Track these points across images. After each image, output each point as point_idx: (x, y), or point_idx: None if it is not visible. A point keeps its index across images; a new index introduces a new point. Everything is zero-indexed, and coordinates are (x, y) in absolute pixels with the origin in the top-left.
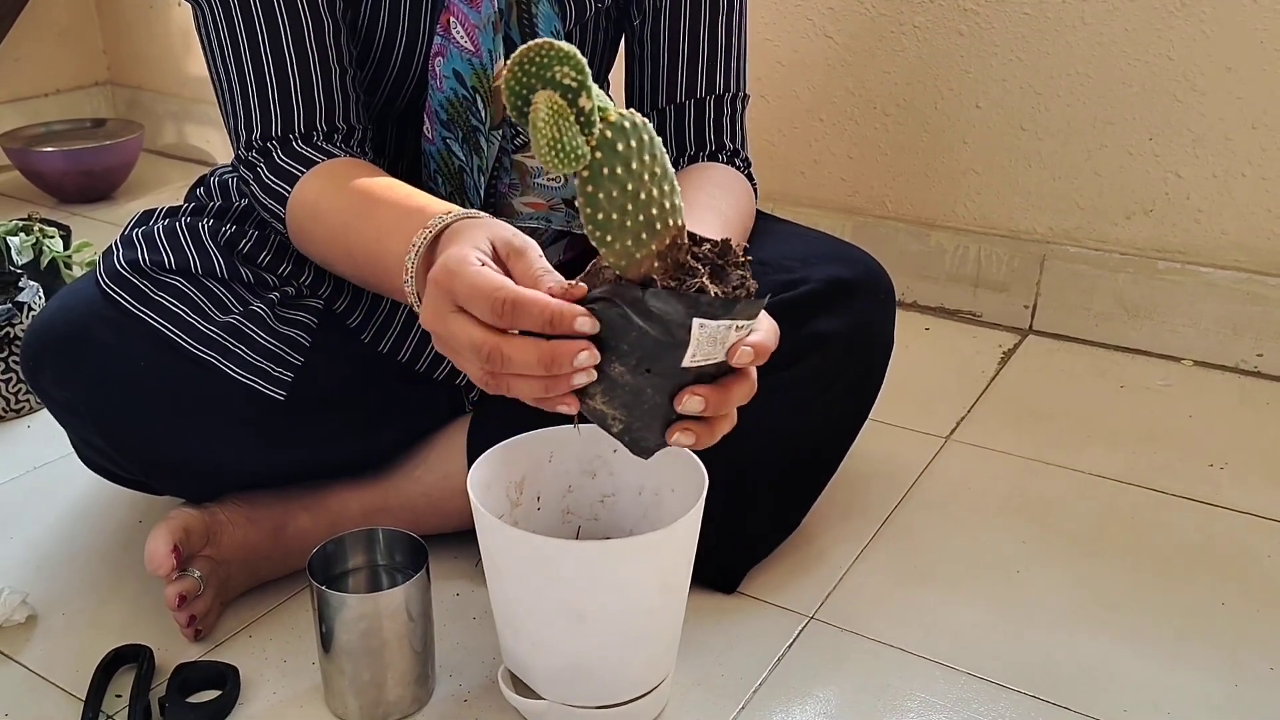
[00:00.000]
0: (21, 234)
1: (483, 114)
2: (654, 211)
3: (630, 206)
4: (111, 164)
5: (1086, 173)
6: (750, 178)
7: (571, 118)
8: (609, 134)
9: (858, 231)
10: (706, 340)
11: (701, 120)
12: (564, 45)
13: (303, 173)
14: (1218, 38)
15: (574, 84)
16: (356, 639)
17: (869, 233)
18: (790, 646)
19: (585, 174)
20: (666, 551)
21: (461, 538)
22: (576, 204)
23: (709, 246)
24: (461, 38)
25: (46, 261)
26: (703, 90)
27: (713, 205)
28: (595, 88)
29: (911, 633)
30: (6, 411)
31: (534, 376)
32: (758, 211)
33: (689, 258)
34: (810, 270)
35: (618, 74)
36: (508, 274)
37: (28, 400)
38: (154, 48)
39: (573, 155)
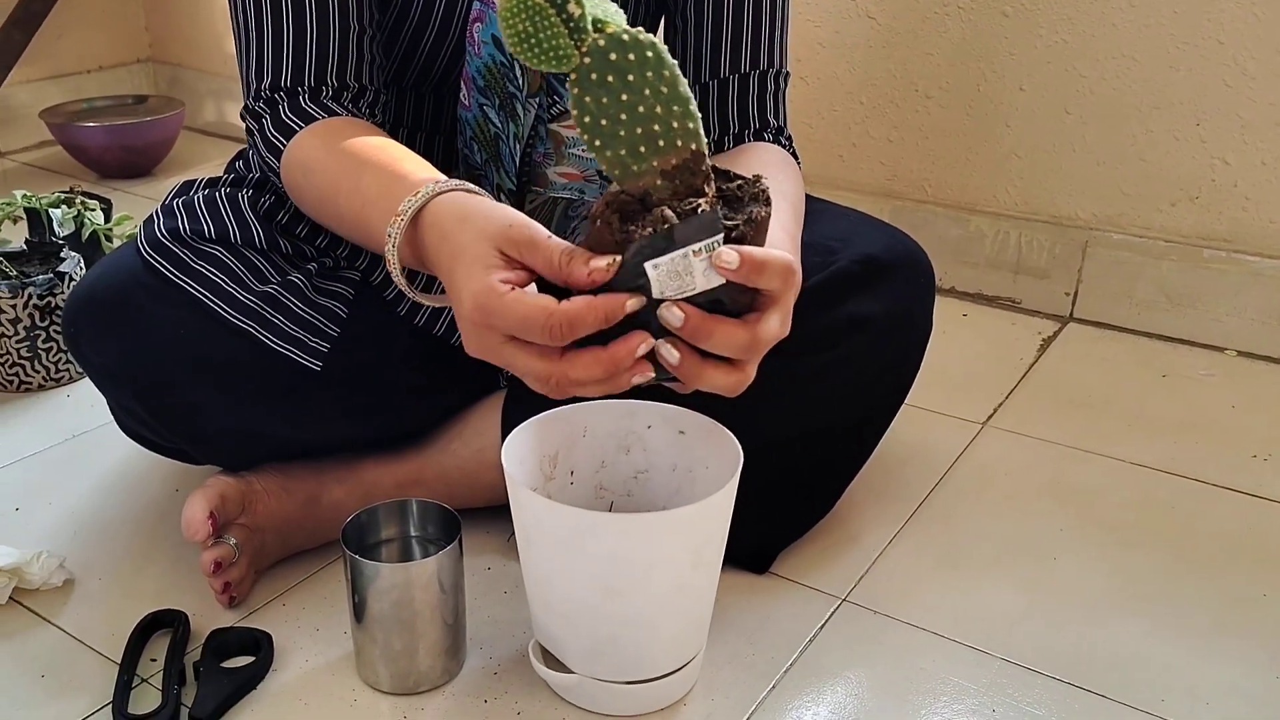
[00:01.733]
0: (64, 206)
1: (520, 81)
2: (655, 127)
3: (624, 116)
4: (152, 140)
5: (1131, 158)
6: (795, 156)
7: (552, 15)
8: (602, 43)
9: (896, 216)
10: (669, 276)
11: (745, 96)
12: None
13: (302, 127)
14: (1269, 21)
15: None
16: (388, 608)
17: (908, 217)
18: (822, 628)
19: (574, 77)
20: (700, 527)
21: (494, 512)
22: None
23: (738, 182)
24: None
25: (88, 234)
26: (746, 65)
27: (779, 189)
28: (600, 7)
29: (945, 617)
30: (47, 380)
31: (599, 382)
32: None
33: (707, 184)
34: (849, 252)
35: None
36: (524, 268)
37: (68, 370)
38: (195, 26)
39: (550, 52)
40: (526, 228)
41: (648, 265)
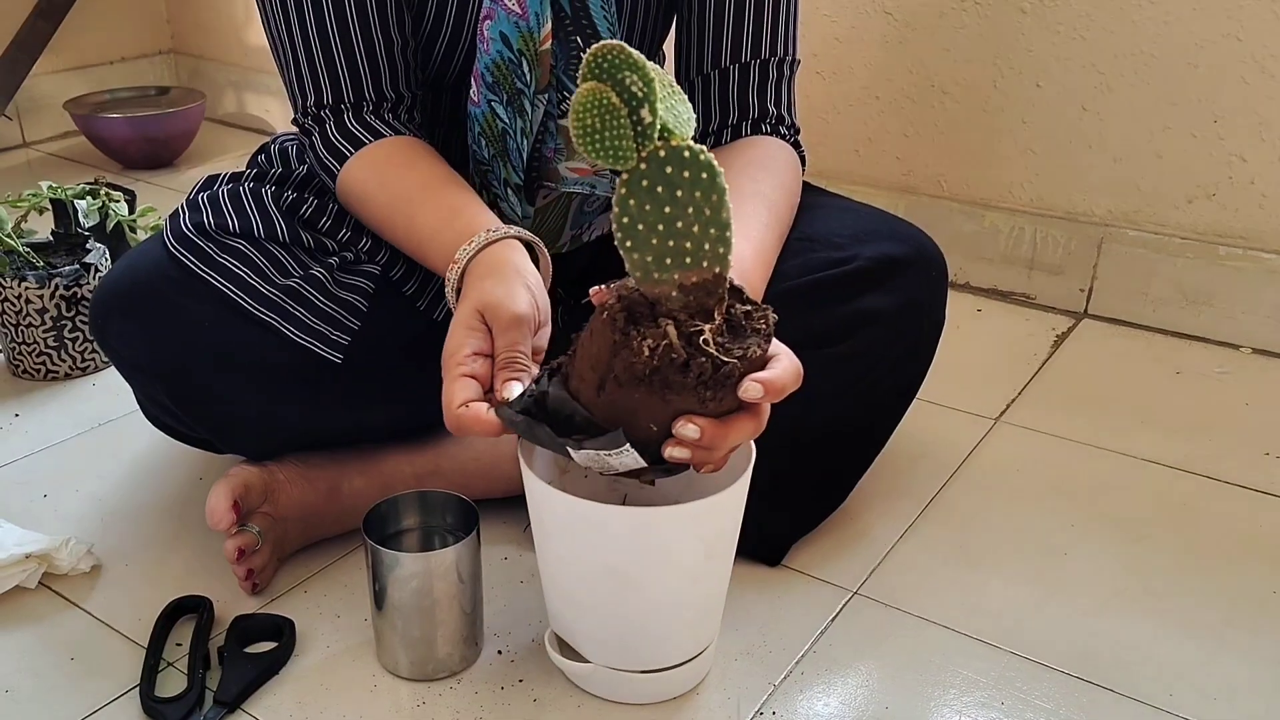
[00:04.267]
0: (89, 197)
1: (528, 77)
2: (687, 244)
3: (662, 227)
4: (174, 131)
5: (1148, 155)
6: (797, 145)
7: (623, 117)
8: (662, 154)
9: (911, 211)
10: (589, 459)
11: (746, 85)
12: (636, 55)
13: (352, 152)
14: None
15: (639, 94)
16: (408, 597)
17: (923, 212)
18: (833, 620)
19: (626, 177)
20: (713, 519)
21: (510, 504)
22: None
23: (747, 308)
24: (510, 0)
25: (112, 225)
26: (748, 54)
27: (757, 192)
28: (668, 109)
29: (956, 610)
30: (73, 370)
31: None
32: (808, 185)
33: (718, 307)
34: (860, 247)
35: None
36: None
37: (94, 359)
38: (216, 18)
39: (611, 151)
40: (505, 308)
41: (569, 448)
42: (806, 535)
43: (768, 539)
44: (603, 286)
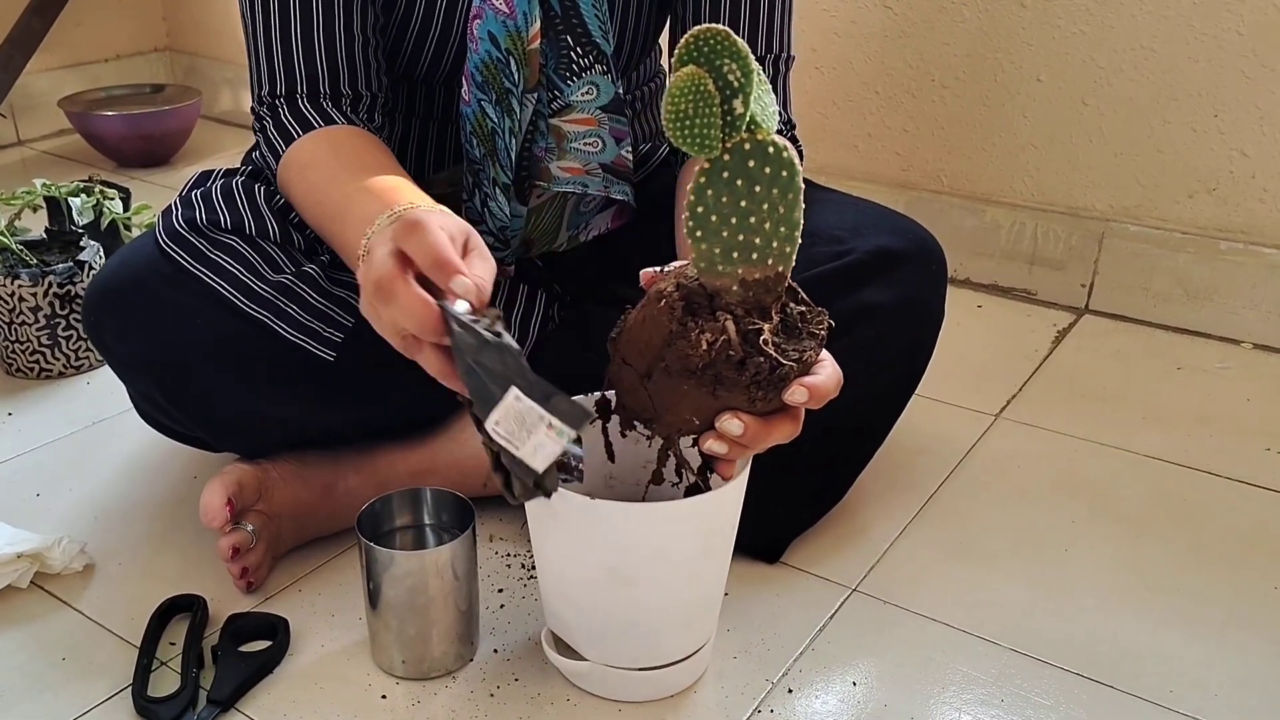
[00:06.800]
0: (83, 195)
1: (516, 76)
2: (756, 240)
3: (734, 220)
4: (170, 129)
5: (1149, 150)
6: (794, 139)
7: (716, 105)
8: (748, 146)
9: (911, 207)
10: (515, 418)
11: None
12: (739, 42)
13: (300, 134)
14: None
15: (736, 83)
16: (403, 595)
17: (923, 208)
18: (832, 617)
19: (707, 166)
20: (711, 516)
21: (506, 502)
22: (685, 191)
23: (802, 309)
24: (498, 0)
25: (106, 223)
26: None
27: None
28: (756, 100)
29: (955, 607)
30: (67, 368)
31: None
32: (806, 181)
33: (775, 305)
34: (859, 241)
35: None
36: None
37: (88, 358)
38: (212, 15)
39: (698, 138)
40: (423, 226)
41: (513, 388)
42: (805, 532)
43: (766, 535)
44: (655, 270)
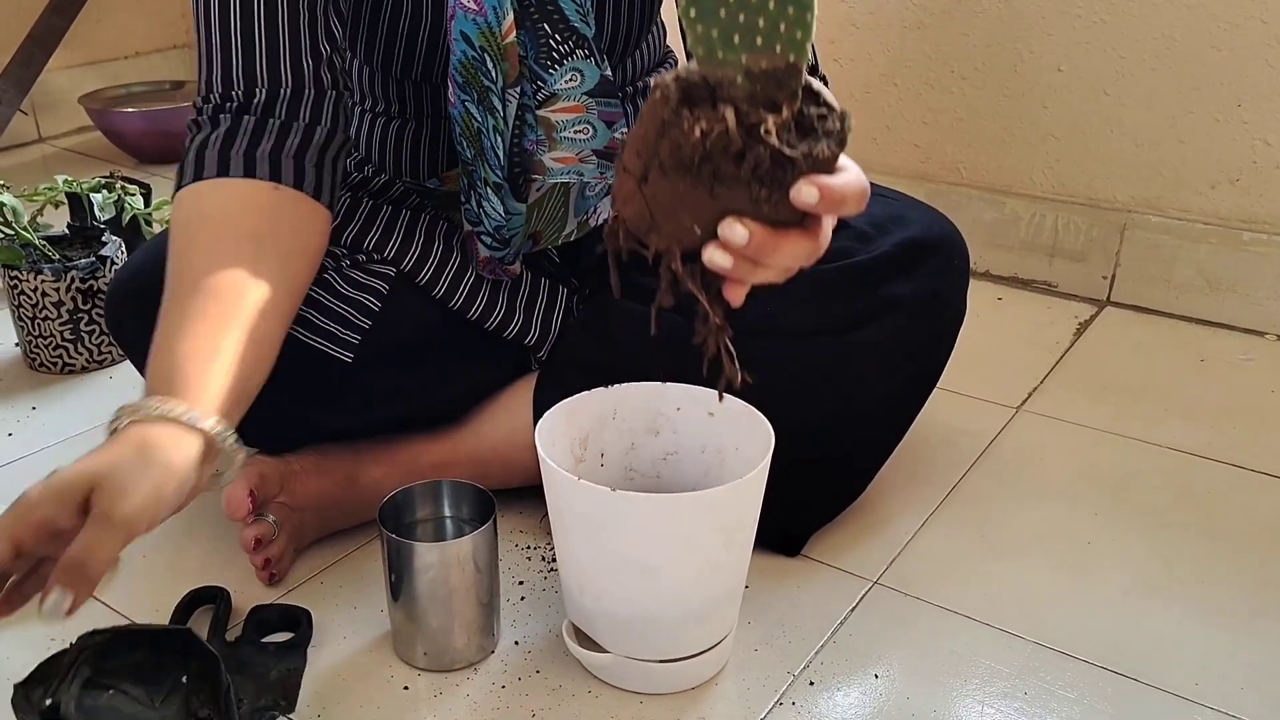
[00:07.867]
0: (104, 191)
1: (494, 73)
2: (760, 21)
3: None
4: None
5: (1170, 140)
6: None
7: None
8: None
9: (931, 198)
10: None
11: None
12: None
13: (213, 176)
14: None
15: None
16: (424, 587)
17: (942, 200)
18: (853, 610)
19: None
20: (732, 507)
21: (527, 493)
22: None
23: (822, 111)
24: None
25: (128, 218)
26: None
27: None
28: None
29: (977, 600)
30: (90, 363)
31: None
32: None
33: (788, 102)
34: (884, 233)
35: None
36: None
37: (110, 352)
38: None
39: None
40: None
41: None
42: (826, 525)
43: (786, 528)
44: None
